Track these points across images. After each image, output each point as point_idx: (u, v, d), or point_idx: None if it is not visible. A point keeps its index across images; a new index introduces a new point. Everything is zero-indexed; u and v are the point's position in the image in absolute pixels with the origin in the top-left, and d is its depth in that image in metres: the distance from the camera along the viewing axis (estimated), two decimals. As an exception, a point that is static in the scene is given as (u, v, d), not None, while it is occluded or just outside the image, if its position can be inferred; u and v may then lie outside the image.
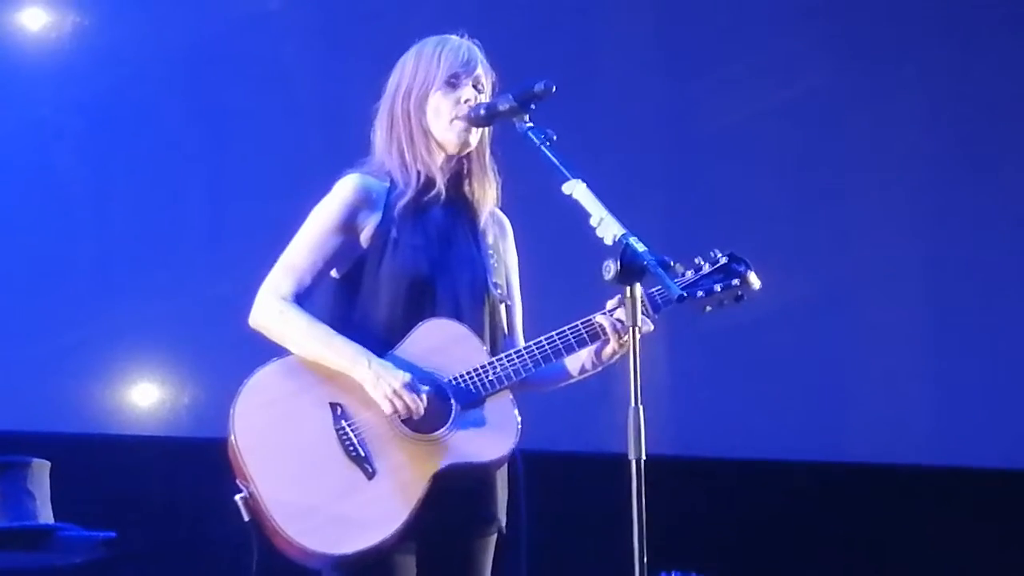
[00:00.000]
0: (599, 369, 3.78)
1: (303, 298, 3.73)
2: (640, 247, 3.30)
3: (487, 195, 3.85)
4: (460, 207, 3.83)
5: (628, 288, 3.33)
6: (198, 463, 5.89)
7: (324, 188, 3.82)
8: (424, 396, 3.61)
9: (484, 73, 3.81)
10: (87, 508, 5.01)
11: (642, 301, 3.54)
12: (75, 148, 6.36)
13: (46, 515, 4.79)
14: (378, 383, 3.60)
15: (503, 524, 3.76)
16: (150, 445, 6.26)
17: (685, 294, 3.49)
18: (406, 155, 3.78)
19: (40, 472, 4.84)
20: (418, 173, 3.76)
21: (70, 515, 4.85)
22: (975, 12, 7.34)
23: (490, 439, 3.63)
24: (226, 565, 5.66)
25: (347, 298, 3.76)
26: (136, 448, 6.21)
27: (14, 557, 4.74)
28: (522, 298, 3.95)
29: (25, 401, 6.12)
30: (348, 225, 3.75)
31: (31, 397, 6.13)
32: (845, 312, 7.17)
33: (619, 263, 3.29)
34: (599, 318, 3.69)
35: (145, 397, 6.39)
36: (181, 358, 6.37)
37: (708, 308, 3.75)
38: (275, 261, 3.78)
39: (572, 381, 3.85)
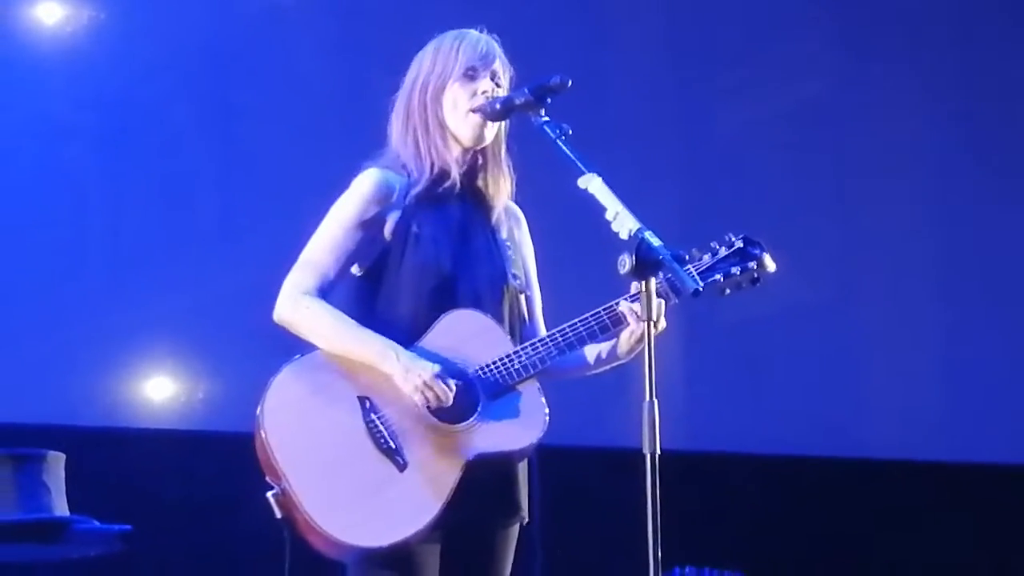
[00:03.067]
0: (623, 359, 3.76)
1: (326, 294, 3.72)
2: (656, 241, 3.31)
3: (501, 190, 3.84)
4: (475, 201, 3.83)
5: (643, 282, 3.33)
6: (213, 456, 5.95)
7: (339, 181, 3.81)
8: (453, 386, 3.61)
9: (502, 67, 3.81)
10: (102, 501, 5.01)
11: (660, 285, 3.55)
12: (90, 142, 6.37)
13: (61, 508, 4.79)
14: (407, 375, 3.60)
15: (525, 515, 3.77)
16: (165, 438, 6.27)
17: (701, 287, 3.48)
18: (420, 145, 3.77)
19: (55, 464, 4.83)
20: (432, 163, 3.76)
21: (85, 508, 4.85)
22: (981, 12, 7.33)
23: (518, 427, 3.65)
24: (241, 557, 5.69)
25: (369, 293, 3.76)
26: (151, 441, 6.23)
27: (29, 549, 4.74)
28: (539, 293, 3.94)
29: (40, 394, 6.13)
30: (368, 220, 3.75)
31: (46, 390, 6.14)
32: (856, 308, 7.17)
33: (634, 257, 3.29)
34: (621, 304, 3.68)
35: (160, 390, 6.40)
36: (195, 352, 6.38)
37: (727, 291, 3.76)
38: (289, 254, 3.78)
39: (599, 370, 3.84)
